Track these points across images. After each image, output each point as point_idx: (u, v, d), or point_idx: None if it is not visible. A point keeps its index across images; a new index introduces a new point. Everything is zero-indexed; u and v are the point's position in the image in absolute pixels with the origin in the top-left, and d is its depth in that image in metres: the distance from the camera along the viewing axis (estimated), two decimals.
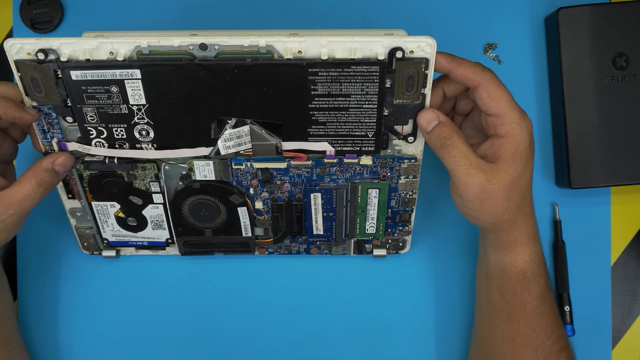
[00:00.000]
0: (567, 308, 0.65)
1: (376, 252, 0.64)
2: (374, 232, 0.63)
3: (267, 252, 0.65)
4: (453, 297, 0.66)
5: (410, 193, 0.60)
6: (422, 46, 0.50)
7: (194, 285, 0.66)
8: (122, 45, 0.50)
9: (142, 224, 0.62)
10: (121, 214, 0.61)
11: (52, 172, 0.54)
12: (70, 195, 0.60)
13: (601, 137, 0.63)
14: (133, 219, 0.61)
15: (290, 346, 0.67)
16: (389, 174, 0.58)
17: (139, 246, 0.64)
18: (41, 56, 0.50)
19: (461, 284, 0.66)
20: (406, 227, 0.63)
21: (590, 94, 0.63)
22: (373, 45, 0.50)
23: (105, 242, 0.64)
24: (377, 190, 0.59)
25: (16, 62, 0.50)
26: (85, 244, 0.64)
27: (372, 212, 0.61)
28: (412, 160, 0.57)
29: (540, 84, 0.66)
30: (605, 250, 0.66)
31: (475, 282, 0.63)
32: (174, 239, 0.63)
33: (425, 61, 0.50)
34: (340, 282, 0.66)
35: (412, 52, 0.50)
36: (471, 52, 0.66)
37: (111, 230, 0.62)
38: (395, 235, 0.64)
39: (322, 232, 0.63)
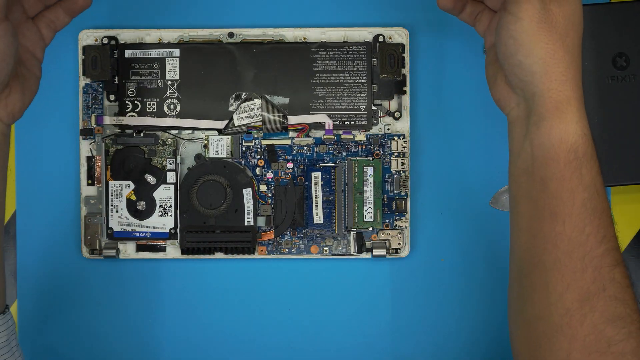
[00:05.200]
0: None
1: (376, 251, 0.65)
2: (372, 220, 0.64)
3: (267, 252, 0.65)
4: (453, 297, 0.66)
5: (403, 174, 0.64)
6: (399, 33, 0.64)
7: (194, 285, 0.67)
8: (168, 34, 0.65)
9: (150, 209, 0.65)
10: (133, 197, 0.64)
11: None
12: (89, 182, 0.64)
13: (601, 137, 0.63)
14: (143, 203, 0.64)
15: (290, 346, 0.67)
16: (381, 152, 0.64)
17: (142, 238, 0.65)
18: (105, 41, 0.64)
19: (461, 284, 0.66)
20: (403, 217, 0.65)
21: (590, 94, 0.63)
22: (361, 33, 0.65)
23: (110, 231, 0.65)
24: (372, 168, 0.64)
25: (84, 47, 0.64)
26: (89, 237, 0.65)
27: (369, 194, 0.64)
28: (401, 137, 0.64)
29: None
30: None
31: (509, 203, 0.53)
32: (178, 228, 0.65)
33: (402, 46, 0.63)
34: (341, 282, 0.67)
35: (391, 38, 0.64)
36: (471, 52, 0.66)
37: (119, 216, 0.65)
38: (394, 227, 0.65)
39: (322, 221, 0.65)
